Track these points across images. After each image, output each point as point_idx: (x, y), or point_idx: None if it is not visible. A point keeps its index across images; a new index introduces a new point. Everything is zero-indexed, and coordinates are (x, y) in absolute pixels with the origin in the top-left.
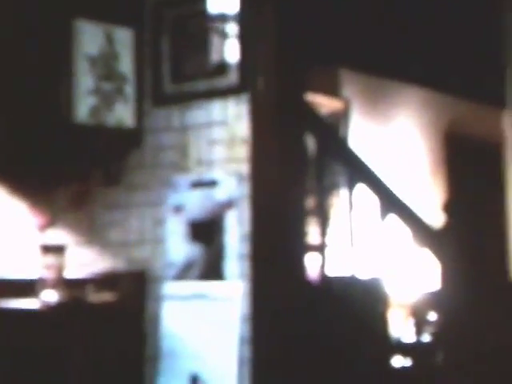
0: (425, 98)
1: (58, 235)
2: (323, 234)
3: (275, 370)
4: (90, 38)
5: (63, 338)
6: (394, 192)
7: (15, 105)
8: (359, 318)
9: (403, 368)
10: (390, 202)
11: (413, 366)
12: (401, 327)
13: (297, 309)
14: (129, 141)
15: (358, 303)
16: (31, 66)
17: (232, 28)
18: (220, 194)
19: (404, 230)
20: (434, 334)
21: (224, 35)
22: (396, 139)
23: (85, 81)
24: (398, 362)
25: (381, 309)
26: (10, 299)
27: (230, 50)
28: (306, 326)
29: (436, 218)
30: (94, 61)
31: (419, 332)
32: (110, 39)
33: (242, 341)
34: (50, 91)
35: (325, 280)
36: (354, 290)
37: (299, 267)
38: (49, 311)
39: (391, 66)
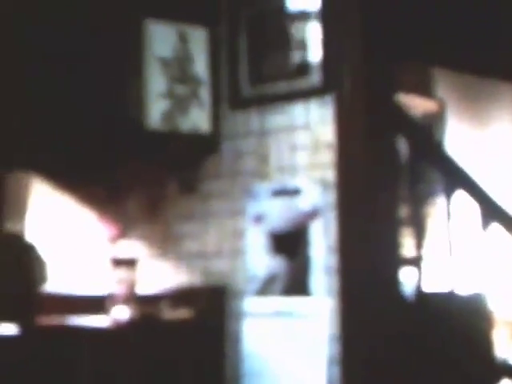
0: None
1: (130, 247)
2: (419, 245)
3: None
4: (162, 38)
5: (136, 359)
6: (496, 200)
7: (85, 110)
8: (460, 338)
9: None
10: (492, 211)
11: None
12: (507, 347)
13: (391, 328)
14: (205, 147)
15: (458, 321)
16: (101, 69)
17: (314, 25)
18: (303, 202)
19: (508, 241)
20: None
21: (305, 33)
22: (496, 143)
23: (157, 84)
24: None
25: (484, 327)
26: (79, 316)
27: (313, 49)
28: (401, 346)
29: None
30: (166, 63)
31: None
32: (183, 39)
33: (330, 362)
34: (121, 95)
35: (421, 296)
36: (454, 306)
37: (393, 282)
38: (120, 329)
39: (489, 62)
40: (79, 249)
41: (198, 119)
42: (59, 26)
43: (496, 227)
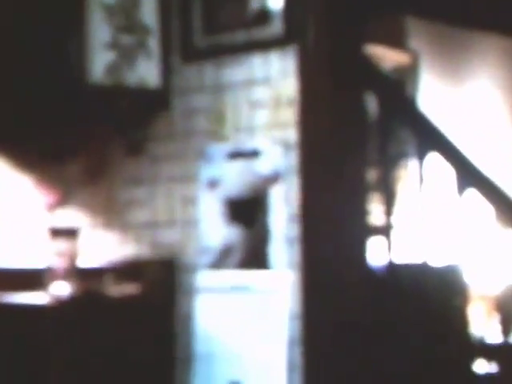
0: (507, 49)
1: (70, 216)
2: (388, 213)
3: (330, 376)
4: None
5: (77, 339)
6: (473, 162)
7: (19, 62)
8: (433, 314)
9: (487, 374)
10: (469, 174)
11: (499, 371)
12: (484, 325)
13: (357, 303)
14: (153, 104)
15: (431, 295)
16: (36, 18)
17: None
18: (263, 166)
19: (485, 208)
20: None
21: None
22: (473, 98)
23: (100, 33)
24: (481, 366)
25: (459, 302)
26: (14, 292)
27: None
28: (368, 323)
29: None
30: (110, 9)
31: (506, 331)
32: None
33: (291, 342)
34: (60, 46)
35: (391, 268)
36: (427, 279)
37: (360, 253)
38: (60, 307)
39: (467, 11)
40: (14, 218)
41: (146, 73)
42: None
43: (473, 193)
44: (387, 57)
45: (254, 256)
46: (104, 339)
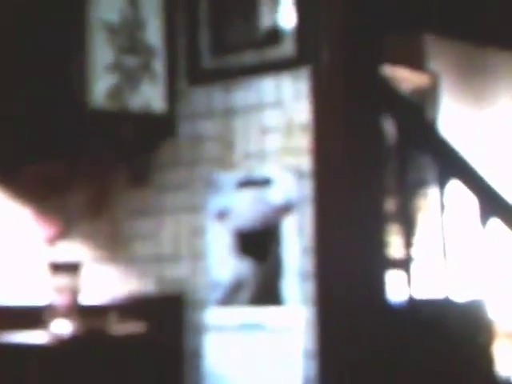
0: None
1: (71, 250)
2: (408, 244)
3: None
4: (107, 0)
5: (80, 380)
6: (497, 190)
7: (18, 86)
8: (456, 351)
9: None
10: (492, 203)
11: None
12: (510, 364)
13: (375, 341)
14: (159, 129)
15: (454, 332)
16: (39, 38)
17: None
18: (275, 195)
19: (510, 238)
20: None
21: None
22: (497, 123)
23: (103, 54)
24: None
25: (484, 340)
26: (12, 331)
27: (285, 13)
28: (389, 362)
29: None
30: (113, 30)
31: None
32: (133, 2)
33: (306, 382)
34: (60, 69)
35: (412, 303)
36: (449, 315)
37: (378, 288)
38: (61, 346)
39: (489, 29)
40: (12, 252)
41: (151, 96)
42: None
43: (496, 222)
44: (406, 78)
45: (266, 291)
46: (108, 380)
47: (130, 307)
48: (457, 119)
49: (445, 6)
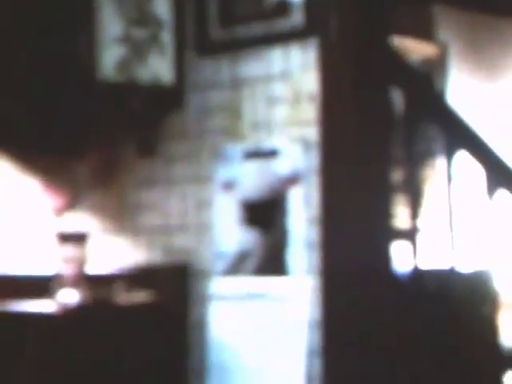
0: None
1: (79, 220)
2: (414, 215)
3: None
4: None
5: (86, 349)
6: (505, 162)
7: (26, 59)
8: (461, 322)
9: None
10: (500, 174)
11: None
12: None
13: (381, 311)
14: (167, 101)
15: (459, 303)
16: (43, 11)
17: None
18: (282, 166)
19: None
20: None
21: None
22: (508, 95)
23: (111, 26)
24: None
25: (489, 310)
26: (20, 300)
27: None
28: (394, 332)
29: None
30: (121, 1)
31: None
32: None
33: (310, 352)
34: (68, 40)
35: (417, 274)
36: (454, 286)
37: (383, 258)
38: (68, 315)
39: None
40: (21, 222)
41: (159, 68)
42: None
43: (504, 194)
44: (414, 49)
45: (272, 261)
46: (114, 349)
47: (137, 277)
48: (466, 90)
49: None
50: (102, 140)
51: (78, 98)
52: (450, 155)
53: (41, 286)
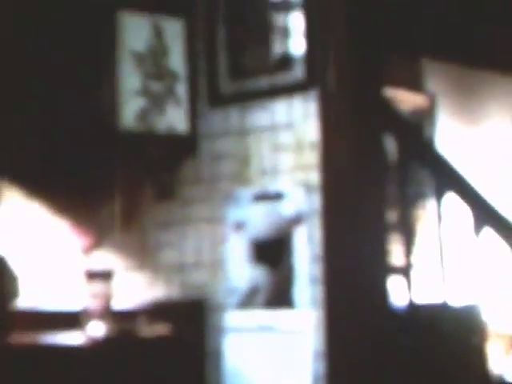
0: None
1: (104, 259)
2: (408, 253)
3: None
4: (135, 31)
5: (112, 377)
6: (490, 202)
7: (53, 110)
8: (452, 352)
9: None
10: (486, 214)
11: None
12: (502, 363)
13: (379, 342)
14: (182, 148)
15: (450, 334)
16: (70, 65)
17: (297, 15)
18: (287, 208)
19: (502, 247)
20: None
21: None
22: (490, 141)
23: (131, 80)
24: None
25: (478, 341)
26: (51, 333)
27: (295, 41)
28: (390, 362)
29: None
30: (140, 57)
31: None
32: (158, 32)
33: (316, 379)
34: (92, 93)
35: (411, 307)
36: (446, 318)
37: (381, 293)
38: (95, 347)
39: (484, 54)
40: (51, 260)
41: (175, 118)
42: (28, 17)
43: (490, 232)
44: (405, 99)
45: (280, 296)
46: (137, 377)
47: (157, 311)
48: (453, 137)
49: (440, 30)
50: (124, 184)
51: (101, 146)
52: (439, 197)
53: (70, 320)
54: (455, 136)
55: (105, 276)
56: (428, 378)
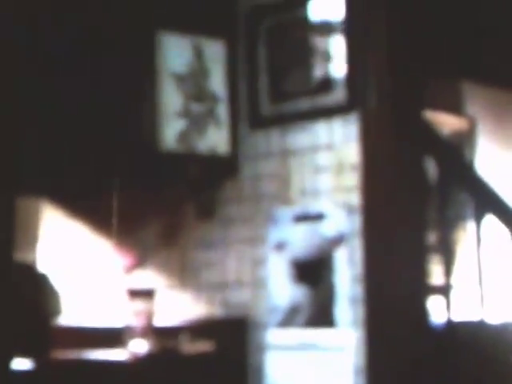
0: None
1: (146, 277)
2: (448, 273)
3: None
4: (176, 52)
5: None
6: None
7: (97, 132)
8: (491, 369)
9: None
10: None
11: None
12: None
13: (419, 359)
14: (223, 169)
15: (488, 351)
16: (110, 86)
17: (338, 38)
18: (328, 228)
19: None
20: None
21: (328, 47)
22: None
23: (172, 102)
24: None
25: None
26: (94, 350)
27: (336, 63)
28: (431, 379)
29: None
30: (181, 79)
31: None
32: (198, 53)
33: None
34: (133, 115)
35: (450, 326)
36: (484, 336)
37: (421, 312)
38: (138, 363)
39: None
40: (94, 279)
41: (216, 139)
42: (68, 39)
43: None
44: (445, 122)
45: (320, 315)
46: None
47: (200, 329)
48: (492, 160)
49: (480, 54)
50: (165, 204)
51: (143, 167)
52: (478, 219)
53: (114, 337)
54: (494, 159)
55: (147, 294)
56: None
